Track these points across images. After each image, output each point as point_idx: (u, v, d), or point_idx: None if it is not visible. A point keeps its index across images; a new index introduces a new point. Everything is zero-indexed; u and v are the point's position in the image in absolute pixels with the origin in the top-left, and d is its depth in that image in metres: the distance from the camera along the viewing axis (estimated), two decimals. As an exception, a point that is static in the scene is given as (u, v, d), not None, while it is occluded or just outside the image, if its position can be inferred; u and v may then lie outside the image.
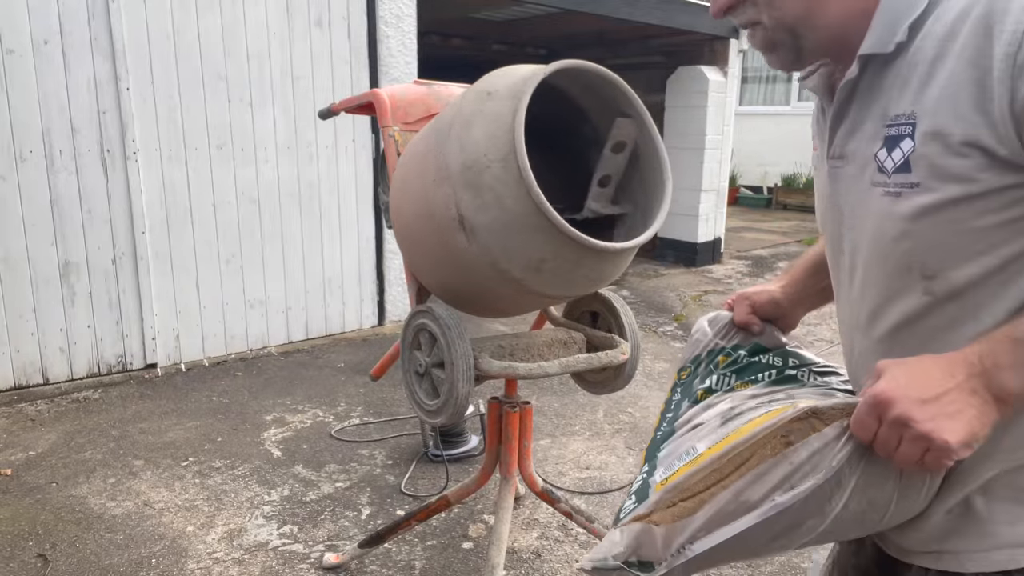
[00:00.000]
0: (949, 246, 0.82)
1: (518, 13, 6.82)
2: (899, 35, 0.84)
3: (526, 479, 2.42)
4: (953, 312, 0.85)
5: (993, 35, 0.74)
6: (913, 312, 0.88)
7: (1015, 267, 0.80)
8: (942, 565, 0.89)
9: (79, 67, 3.86)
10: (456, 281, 1.94)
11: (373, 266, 5.14)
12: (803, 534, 0.87)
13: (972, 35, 0.77)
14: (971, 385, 0.76)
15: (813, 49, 0.94)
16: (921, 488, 0.87)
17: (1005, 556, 0.84)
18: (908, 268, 0.87)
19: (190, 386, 4.12)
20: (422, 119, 2.28)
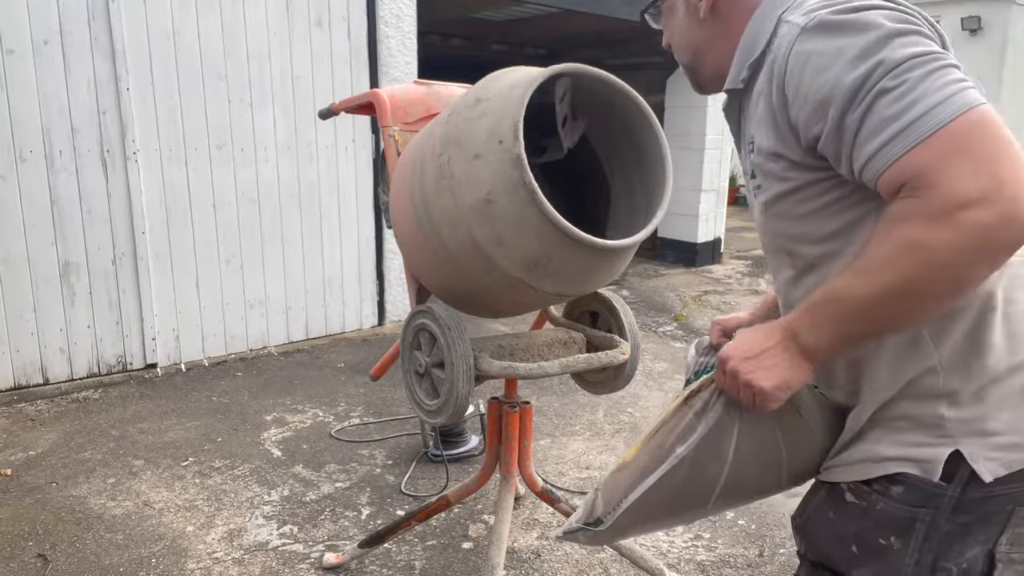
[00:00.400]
0: (790, 230, 1.06)
1: (518, 13, 6.83)
2: (743, 73, 1.07)
3: (526, 479, 2.42)
4: (813, 281, 1.06)
5: (773, 73, 0.99)
6: (791, 282, 1.12)
7: (838, 242, 1.01)
8: (823, 477, 1.11)
9: (79, 67, 3.86)
10: (456, 281, 1.94)
11: (373, 266, 5.14)
12: (714, 480, 1.08)
13: (767, 73, 1.00)
14: (784, 345, 0.97)
15: (705, 83, 1.24)
16: (804, 429, 1.09)
17: (862, 469, 1.02)
18: (777, 249, 1.12)
19: (190, 386, 4.12)
20: (422, 119, 2.28)
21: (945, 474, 0.95)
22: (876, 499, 1.00)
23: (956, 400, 0.95)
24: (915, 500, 0.97)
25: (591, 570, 2.52)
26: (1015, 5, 9.29)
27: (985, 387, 0.94)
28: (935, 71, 0.85)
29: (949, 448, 0.95)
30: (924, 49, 0.87)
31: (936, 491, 0.96)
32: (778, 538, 2.74)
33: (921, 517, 0.96)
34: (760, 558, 2.62)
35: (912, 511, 0.97)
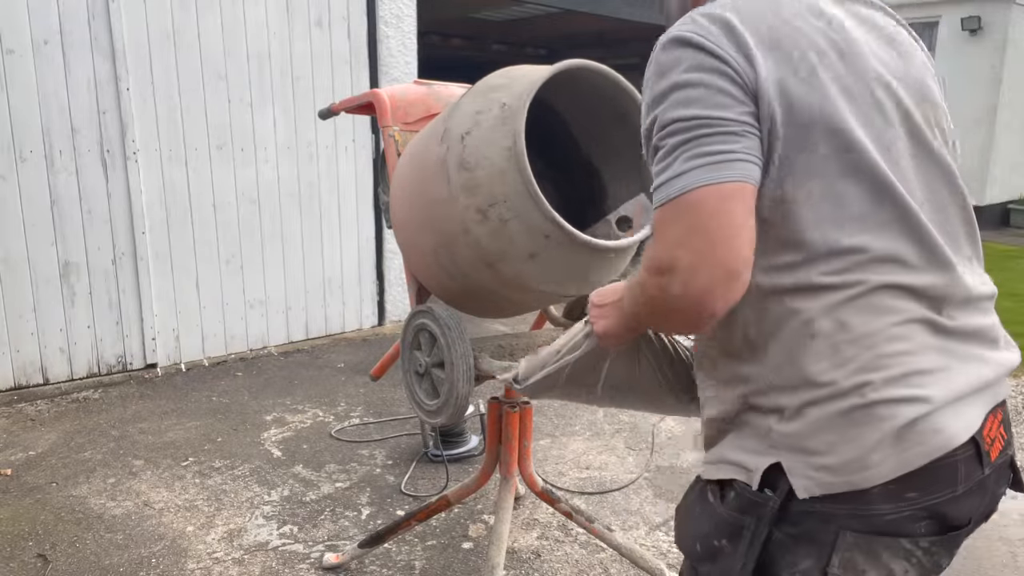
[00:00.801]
0: None
1: (518, 13, 6.83)
2: None
3: (526, 479, 2.42)
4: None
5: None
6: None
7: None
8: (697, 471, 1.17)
9: (79, 67, 3.86)
10: (455, 280, 1.94)
11: (373, 266, 5.14)
12: (595, 380, 1.41)
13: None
14: (618, 303, 1.15)
15: None
16: (649, 368, 1.40)
17: (712, 469, 1.07)
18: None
19: (190, 386, 4.12)
20: (422, 119, 2.28)
21: (770, 484, 0.97)
22: (717, 503, 1.04)
23: (782, 415, 0.97)
24: (741, 507, 1.00)
25: (591, 570, 2.52)
26: (1015, 5, 9.28)
27: (805, 407, 0.95)
28: (686, 143, 0.90)
29: (772, 459, 0.97)
30: (690, 114, 0.90)
31: (758, 500, 0.98)
32: (778, 538, 2.74)
33: (747, 524, 0.99)
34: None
35: (739, 517, 1.00)
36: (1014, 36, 9.41)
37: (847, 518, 0.93)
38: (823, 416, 0.94)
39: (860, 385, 0.92)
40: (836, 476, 0.92)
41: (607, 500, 2.99)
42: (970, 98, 9.64)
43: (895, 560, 0.94)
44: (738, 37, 0.92)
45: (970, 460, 0.95)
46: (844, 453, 0.92)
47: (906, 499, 0.92)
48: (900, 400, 0.91)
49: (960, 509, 0.96)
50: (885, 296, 0.94)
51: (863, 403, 0.92)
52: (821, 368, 0.94)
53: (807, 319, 0.95)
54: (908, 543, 0.94)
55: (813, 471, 0.94)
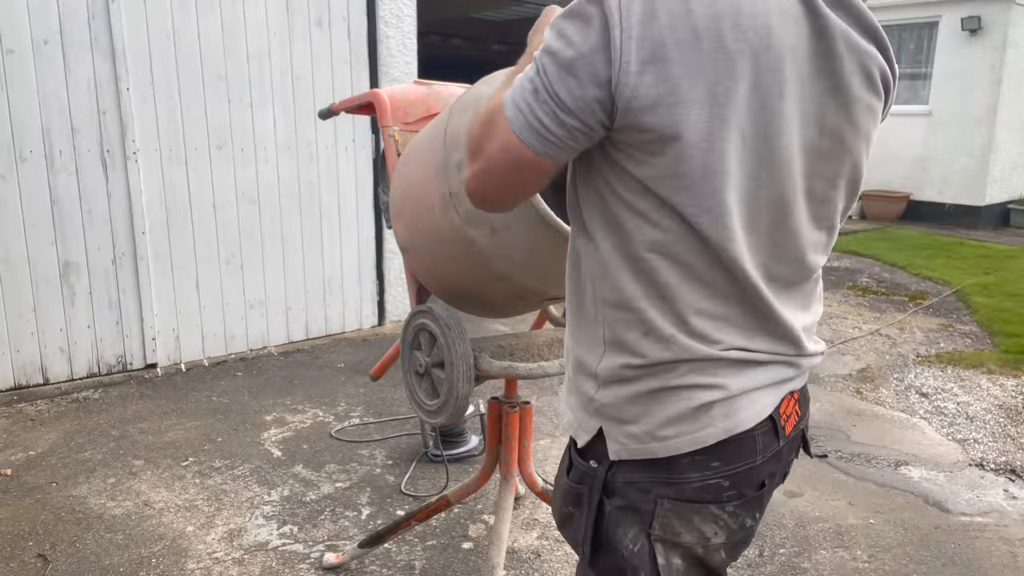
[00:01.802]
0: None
1: (518, 13, 6.83)
2: None
3: (526, 479, 2.42)
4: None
5: None
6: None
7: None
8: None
9: (79, 67, 3.86)
10: (454, 280, 1.94)
11: (373, 266, 5.14)
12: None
13: None
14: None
15: None
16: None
17: (564, 426, 1.17)
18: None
19: (190, 386, 4.12)
20: (422, 119, 2.28)
21: (594, 455, 1.08)
22: (563, 476, 1.16)
23: (601, 385, 1.06)
24: (577, 478, 1.11)
25: (591, 570, 2.52)
26: (1015, 5, 9.27)
27: (621, 382, 1.04)
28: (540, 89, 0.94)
29: (597, 423, 1.07)
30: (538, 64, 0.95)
31: (588, 471, 1.09)
32: (778, 538, 2.74)
33: (584, 492, 1.09)
34: (760, 558, 2.62)
35: (578, 487, 1.10)
36: (1014, 36, 9.41)
37: (663, 487, 1.03)
38: (634, 393, 1.03)
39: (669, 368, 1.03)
40: (639, 444, 1.03)
41: (607, 500, 2.98)
42: (970, 98, 9.64)
43: (705, 524, 1.05)
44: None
45: (768, 434, 1.06)
46: (646, 424, 1.02)
47: (712, 468, 1.02)
48: (700, 386, 1.01)
49: (760, 476, 1.07)
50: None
51: (669, 385, 1.02)
52: (638, 349, 1.02)
53: (617, 301, 1.04)
54: (716, 508, 1.04)
55: (624, 438, 1.04)
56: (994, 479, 3.23)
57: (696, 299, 0.99)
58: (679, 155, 0.91)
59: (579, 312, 1.10)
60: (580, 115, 0.92)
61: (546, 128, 0.93)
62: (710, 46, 0.88)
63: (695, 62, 0.88)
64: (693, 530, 1.04)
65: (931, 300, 6.13)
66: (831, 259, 7.59)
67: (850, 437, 3.62)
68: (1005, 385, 4.32)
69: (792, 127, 0.95)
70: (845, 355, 4.82)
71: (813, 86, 0.95)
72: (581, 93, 0.90)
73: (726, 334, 1.01)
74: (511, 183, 1.01)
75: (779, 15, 0.90)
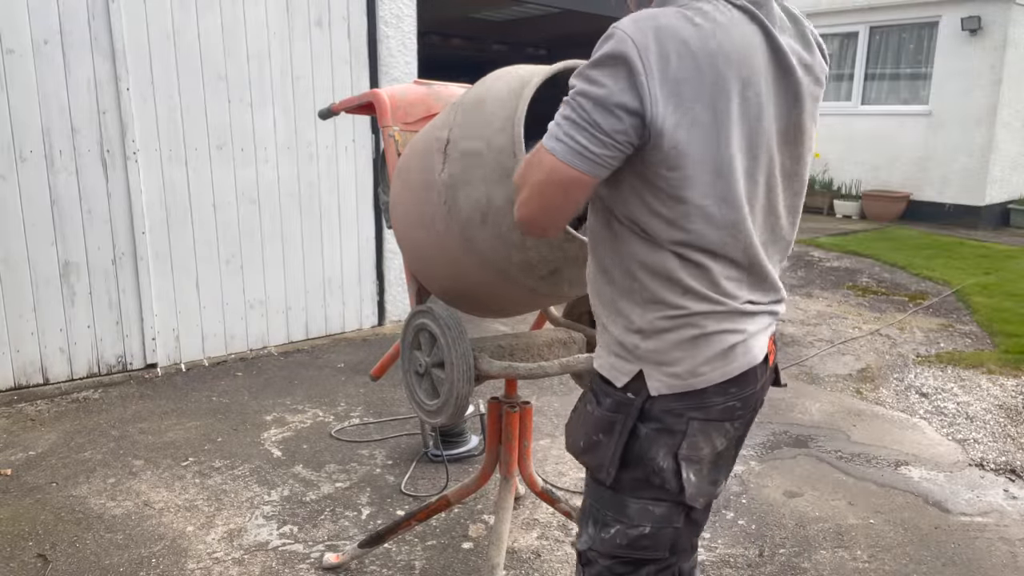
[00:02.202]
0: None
1: (518, 13, 6.83)
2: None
3: (526, 479, 2.42)
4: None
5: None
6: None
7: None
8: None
9: (79, 67, 3.86)
10: (453, 280, 1.94)
11: (373, 266, 5.14)
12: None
13: None
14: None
15: None
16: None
17: (597, 365, 1.42)
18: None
19: (190, 386, 4.12)
20: (422, 119, 2.28)
21: (633, 390, 1.33)
22: (595, 409, 1.38)
23: (644, 336, 1.32)
24: (613, 407, 1.35)
25: (591, 570, 2.52)
26: (1015, 5, 9.26)
27: (661, 332, 1.30)
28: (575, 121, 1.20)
29: (637, 366, 1.32)
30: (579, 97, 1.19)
31: (626, 401, 1.33)
32: (778, 538, 2.74)
33: (618, 421, 1.34)
34: (760, 558, 2.62)
35: (613, 416, 1.34)
36: (1014, 36, 9.40)
37: (694, 411, 1.31)
38: (673, 341, 1.30)
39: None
40: (681, 380, 1.30)
41: (607, 500, 2.98)
42: (970, 98, 9.64)
43: (719, 437, 1.36)
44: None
45: (762, 366, 1.37)
46: (688, 365, 1.30)
47: (730, 393, 1.33)
48: (728, 331, 1.31)
49: (757, 398, 1.41)
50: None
51: (705, 332, 1.30)
52: (672, 302, 1.29)
53: (657, 267, 1.30)
54: (728, 425, 1.36)
55: (664, 376, 1.31)
56: (994, 479, 3.23)
57: (722, 268, 1.29)
58: (698, 161, 1.20)
59: (612, 284, 1.35)
60: (615, 137, 1.16)
61: (587, 150, 1.17)
62: (710, 77, 1.17)
63: (701, 90, 1.17)
64: (709, 443, 1.34)
65: (931, 300, 6.13)
66: (831, 259, 7.59)
67: (850, 437, 3.62)
68: (1005, 385, 4.32)
69: (770, 125, 1.27)
70: (845, 355, 4.82)
71: (778, 93, 1.27)
72: (614, 121, 1.16)
73: (743, 291, 1.33)
74: (557, 205, 1.24)
75: (749, 47, 1.21)
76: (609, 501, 1.38)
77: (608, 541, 1.39)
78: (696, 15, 1.18)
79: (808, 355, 4.80)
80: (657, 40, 1.14)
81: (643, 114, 1.15)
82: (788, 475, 3.22)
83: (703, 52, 1.16)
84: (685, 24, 1.16)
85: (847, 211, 10.58)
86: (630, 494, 1.36)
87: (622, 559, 1.39)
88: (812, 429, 3.71)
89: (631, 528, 1.37)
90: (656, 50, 1.14)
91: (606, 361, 1.38)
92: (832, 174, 10.99)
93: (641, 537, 1.36)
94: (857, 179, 10.75)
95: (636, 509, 1.36)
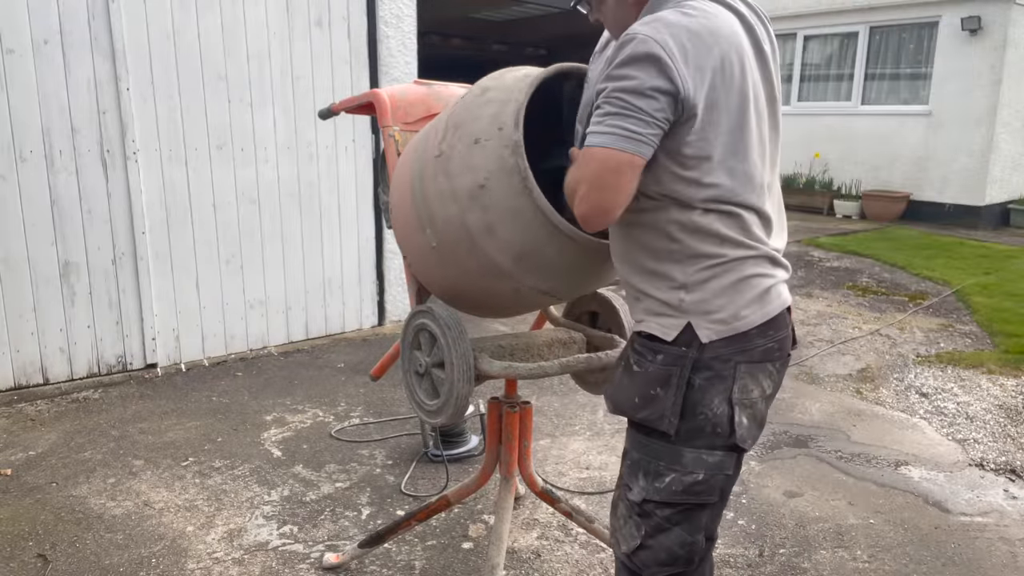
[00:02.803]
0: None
1: (518, 13, 6.83)
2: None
3: (526, 479, 2.42)
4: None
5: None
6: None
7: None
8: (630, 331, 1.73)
9: (79, 67, 3.86)
10: (453, 280, 1.94)
11: (373, 266, 5.14)
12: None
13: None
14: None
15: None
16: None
17: (638, 326, 1.55)
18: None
19: (190, 386, 4.12)
20: (422, 119, 2.28)
21: (684, 343, 1.44)
22: (647, 366, 1.48)
23: (688, 290, 1.44)
24: (668, 361, 1.45)
25: (591, 570, 2.52)
26: (1015, 5, 9.26)
27: (704, 282, 1.43)
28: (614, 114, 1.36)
29: (684, 320, 1.44)
30: (620, 91, 1.35)
31: (680, 354, 1.45)
32: (778, 538, 2.74)
33: (674, 373, 1.44)
34: (760, 558, 2.62)
35: (668, 369, 1.45)
36: (1014, 36, 9.40)
37: (740, 354, 1.44)
38: (717, 288, 1.43)
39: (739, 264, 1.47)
40: (726, 325, 1.43)
41: (607, 500, 2.99)
42: (970, 98, 9.64)
43: (765, 379, 1.49)
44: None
45: (788, 312, 1.53)
46: (732, 309, 1.43)
47: (768, 335, 1.47)
48: (762, 275, 1.47)
49: (789, 342, 1.55)
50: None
51: (743, 276, 1.45)
52: (711, 252, 1.44)
53: (702, 230, 1.45)
54: (770, 366, 1.50)
55: (712, 324, 1.43)
56: (994, 479, 3.23)
57: (749, 215, 1.44)
58: (719, 123, 1.38)
59: (649, 252, 1.48)
60: (656, 115, 1.32)
61: (635, 133, 1.33)
62: (716, 52, 1.37)
63: (713, 63, 1.36)
64: (758, 385, 1.47)
65: (931, 300, 6.13)
66: (831, 259, 7.60)
67: (850, 437, 3.62)
68: (1005, 385, 4.32)
69: (758, 88, 1.46)
70: (845, 355, 4.82)
71: (758, 65, 1.48)
72: (652, 102, 1.32)
73: (767, 237, 1.49)
74: (613, 188, 1.36)
75: (733, 28, 1.42)
76: (663, 451, 1.47)
77: (663, 490, 1.48)
78: (689, 10, 1.39)
79: (808, 355, 4.80)
80: (671, 34, 1.33)
81: (676, 93, 1.32)
82: (788, 475, 3.22)
83: (706, 32, 1.36)
84: (685, 18, 1.37)
85: (847, 211, 10.58)
86: (685, 443, 1.45)
87: (679, 507, 1.49)
88: (812, 429, 3.71)
89: (686, 475, 1.46)
90: (673, 42, 1.32)
91: (652, 321, 1.49)
92: (832, 174, 10.99)
93: (695, 483, 1.47)
94: (857, 179, 10.75)
95: (691, 458, 1.46)
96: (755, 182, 1.45)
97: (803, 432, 3.66)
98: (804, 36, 11.16)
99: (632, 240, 1.51)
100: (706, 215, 1.42)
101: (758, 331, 1.45)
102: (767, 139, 1.50)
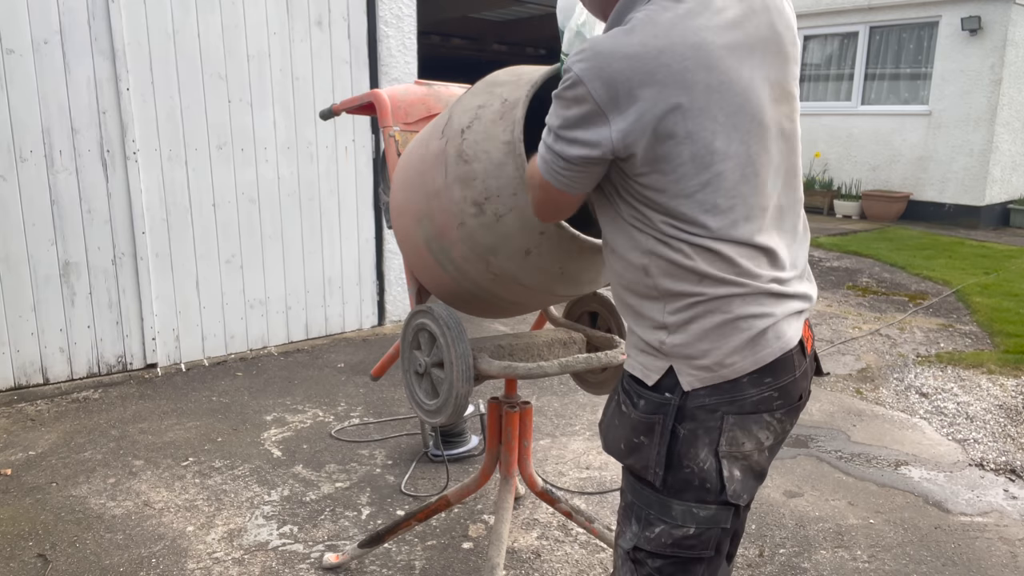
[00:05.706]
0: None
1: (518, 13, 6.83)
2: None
3: (526, 479, 2.42)
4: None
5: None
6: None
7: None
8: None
9: (79, 67, 3.86)
10: (452, 277, 1.94)
11: (373, 266, 5.14)
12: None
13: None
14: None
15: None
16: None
17: (627, 366, 1.41)
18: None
19: (190, 386, 4.12)
20: (422, 119, 2.29)
21: (668, 388, 1.31)
22: (631, 411, 1.36)
23: (670, 331, 1.30)
24: (651, 409, 1.32)
25: (591, 570, 2.52)
26: (1015, 5, 9.27)
27: (685, 324, 1.28)
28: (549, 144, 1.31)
29: (667, 363, 1.31)
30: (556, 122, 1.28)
31: (662, 401, 1.31)
32: (778, 538, 2.74)
33: (657, 421, 1.31)
34: (760, 558, 2.62)
35: (651, 418, 1.32)
36: (1014, 36, 9.40)
37: (728, 405, 1.28)
38: (699, 331, 1.28)
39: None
40: (710, 372, 1.28)
41: (607, 500, 2.99)
42: (970, 98, 9.64)
43: (761, 431, 1.32)
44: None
45: (799, 354, 1.33)
46: (716, 356, 1.27)
47: (765, 383, 1.29)
48: (754, 316, 1.27)
49: (798, 388, 1.35)
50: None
51: (729, 318, 1.27)
52: (693, 292, 1.28)
53: (692, 271, 1.30)
54: (768, 416, 1.32)
55: (695, 370, 1.28)
56: (994, 479, 3.23)
57: (733, 248, 1.26)
58: (681, 153, 1.23)
59: (630, 289, 1.36)
60: (576, 162, 1.26)
61: (560, 173, 1.29)
62: (669, 79, 1.20)
63: (662, 92, 1.20)
64: (752, 437, 1.31)
65: (931, 300, 6.13)
66: (831, 259, 7.59)
67: (850, 437, 3.62)
68: (1005, 385, 4.32)
69: (757, 94, 1.26)
70: (845, 355, 4.82)
71: (760, 62, 1.27)
72: (576, 148, 1.25)
73: (763, 268, 1.29)
74: (552, 209, 1.40)
75: (706, 41, 1.22)
76: (653, 501, 1.35)
77: (654, 540, 1.36)
78: (648, 17, 1.22)
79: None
80: (600, 70, 1.20)
81: (598, 143, 1.23)
82: (788, 475, 3.22)
83: (651, 54, 1.19)
84: (629, 37, 1.21)
85: (847, 211, 10.59)
86: (674, 496, 1.32)
87: (671, 559, 1.36)
88: (812, 429, 3.71)
89: (675, 529, 1.33)
90: (601, 84, 1.20)
91: (636, 360, 1.37)
92: (832, 174, 11.00)
93: (686, 538, 1.33)
94: (857, 179, 10.75)
95: (680, 511, 1.33)
96: (742, 212, 1.26)
97: (803, 432, 3.66)
98: (804, 36, 11.16)
99: (616, 274, 1.40)
100: (676, 251, 1.27)
101: (750, 379, 1.28)
102: (773, 151, 1.30)
